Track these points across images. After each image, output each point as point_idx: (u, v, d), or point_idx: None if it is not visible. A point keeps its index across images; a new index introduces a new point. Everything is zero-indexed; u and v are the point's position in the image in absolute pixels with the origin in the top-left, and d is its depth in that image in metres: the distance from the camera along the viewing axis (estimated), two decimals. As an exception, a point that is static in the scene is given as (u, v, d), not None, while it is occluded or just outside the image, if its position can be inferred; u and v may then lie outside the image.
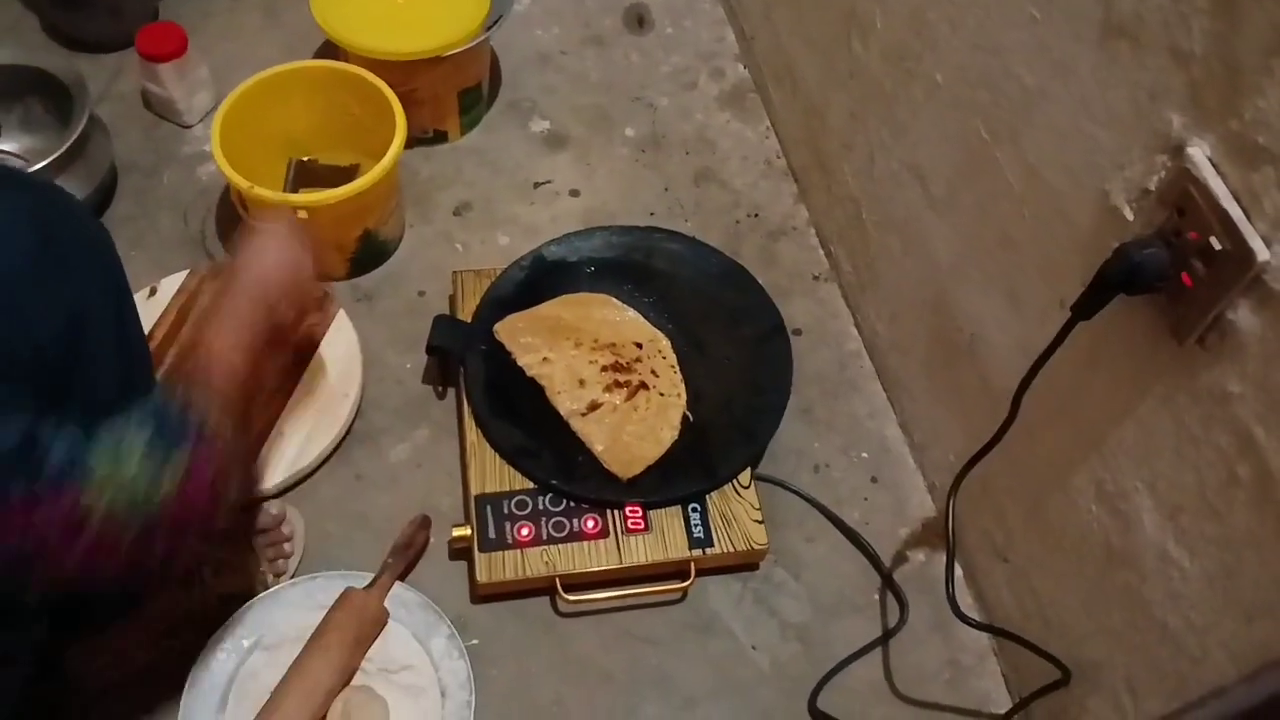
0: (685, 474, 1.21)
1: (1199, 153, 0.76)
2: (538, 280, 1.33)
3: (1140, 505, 0.90)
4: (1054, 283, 0.97)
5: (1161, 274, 0.78)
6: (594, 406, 1.23)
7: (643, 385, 1.25)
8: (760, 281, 1.35)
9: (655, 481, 1.20)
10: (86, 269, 0.87)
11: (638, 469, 1.20)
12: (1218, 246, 0.74)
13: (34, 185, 0.89)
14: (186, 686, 1.05)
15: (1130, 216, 0.84)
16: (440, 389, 1.31)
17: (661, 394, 1.26)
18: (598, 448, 1.21)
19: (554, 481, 1.18)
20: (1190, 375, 0.81)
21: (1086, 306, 0.84)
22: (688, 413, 1.25)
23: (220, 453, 0.80)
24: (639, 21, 1.76)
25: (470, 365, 1.25)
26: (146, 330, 1.23)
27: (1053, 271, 0.97)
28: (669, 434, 1.23)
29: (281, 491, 1.19)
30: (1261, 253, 0.71)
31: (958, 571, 1.23)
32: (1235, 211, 0.72)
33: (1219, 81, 0.73)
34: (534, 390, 1.25)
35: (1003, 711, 1.13)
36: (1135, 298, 0.82)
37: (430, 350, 1.27)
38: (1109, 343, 0.90)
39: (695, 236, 1.40)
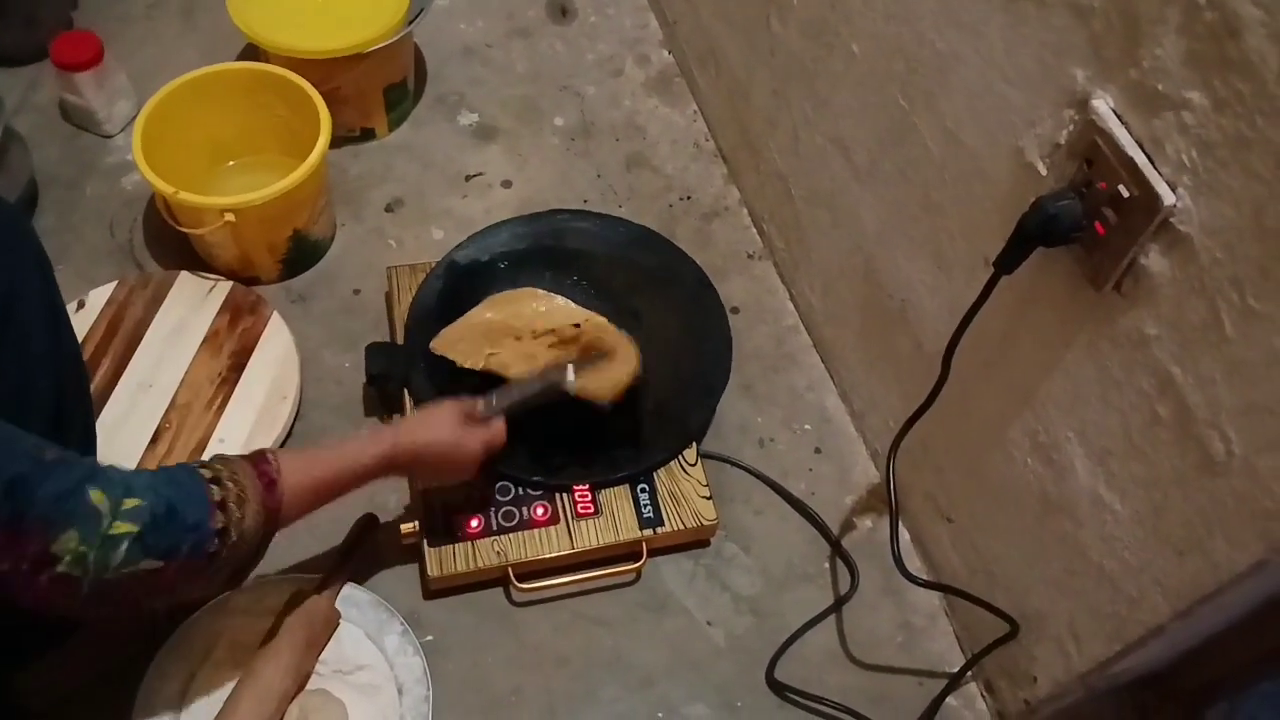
0: (633, 451, 1.21)
1: (1103, 104, 0.78)
2: (457, 286, 1.31)
3: (1072, 453, 0.92)
4: (977, 242, 0.99)
5: (1076, 224, 0.80)
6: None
7: (592, 343, 1.26)
8: (698, 261, 1.36)
9: (602, 461, 1.21)
10: (11, 255, 0.86)
11: (617, 391, 1.19)
12: (1126, 194, 0.75)
13: None
14: (138, 700, 1.03)
15: (1044, 171, 0.86)
16: (385, 416, 1.28)
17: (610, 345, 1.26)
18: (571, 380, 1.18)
19: (501, 469, 1.18)
20: (1110, 321, 0.83)
21: (1008, 261, 0.86)
22: (636, 388, 1.25)
23: (214, 562, 0.80)
24: (562, 12, 1.76)
25: (415, 384, 1.23)
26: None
27: (975, 231, 0.99)
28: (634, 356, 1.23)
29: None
30: (1167, 197, 0.73)
31: (904, 535, 1.25)
32: (1140, 159, 0.74)
33: (1118, 34, 0.75)
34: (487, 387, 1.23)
35: (956, 669, 1.15)
36: (1054, 250, 0.84)
37: (372, 380, 1.25)
38: (1033, 296, 0.92)
39: (602, 212, 1.41)
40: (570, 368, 1.16)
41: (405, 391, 1.24)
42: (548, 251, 1.36)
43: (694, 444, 1.23)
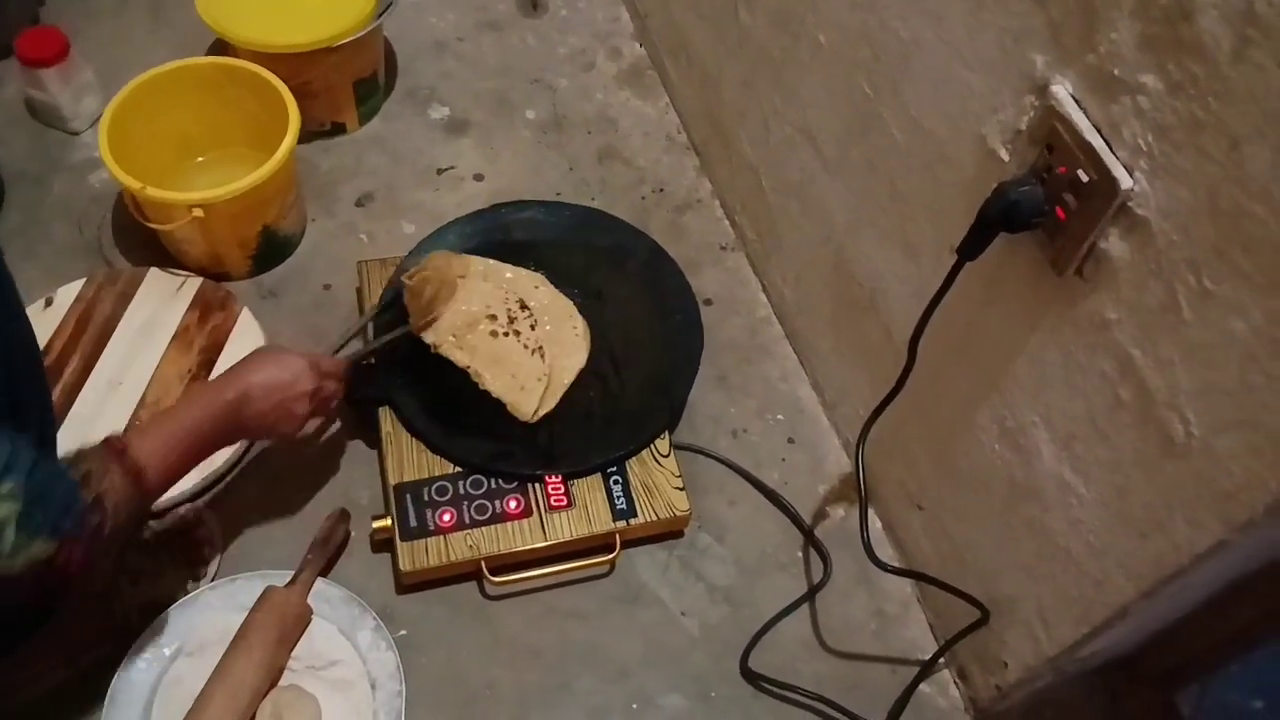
0: (605, 440, 1.22)
1: (1062, 90, 0.78)
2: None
3: (1038, 438, 0.92)
4: (943, 229, 0.99)
5: (1037, 209, 0.81)
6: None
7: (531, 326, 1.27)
8: (671, 254, 1.36)
9: (576, 451, 1.21)
10: None
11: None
12: (1085, 178, 0.76)
13: None
14: (107, 699, 1.02)
15: (1006, 157, 0.87)
16: (373, 436, 1.25)
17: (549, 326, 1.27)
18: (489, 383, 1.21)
19: (475, 461, 1.18)
20: (1072, 305, 0.83)
21: (971, 248, 0.86)
22: (604, 372, 1.26)
23: (100, 536, 0.81)
24: (533, 5, 1.76)
25: (400, 401, 1.21)
26: (44, 342, 1.22)
27: (941, 218, 1.00)
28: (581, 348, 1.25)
29: (196, 495, 1.18)
30: (1125, 180, 0.73)
31: (876, 523, 1.25)
32: (1098, 143, 0.75)
33: (1075, 18, 0.75)
34: (467, 390, 1.23)
35: (928, 656, 1.15)
36: (1017, 235, 0.84)
37: (355, 402, 1.22)
38: (997, 282, 0.92)
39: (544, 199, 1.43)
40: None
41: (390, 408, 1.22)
42: (498, 245, 1.35)
43: (666, 434, 1.24)
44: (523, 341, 1.24)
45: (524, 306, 1.27)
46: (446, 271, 1.25)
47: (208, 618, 1.08)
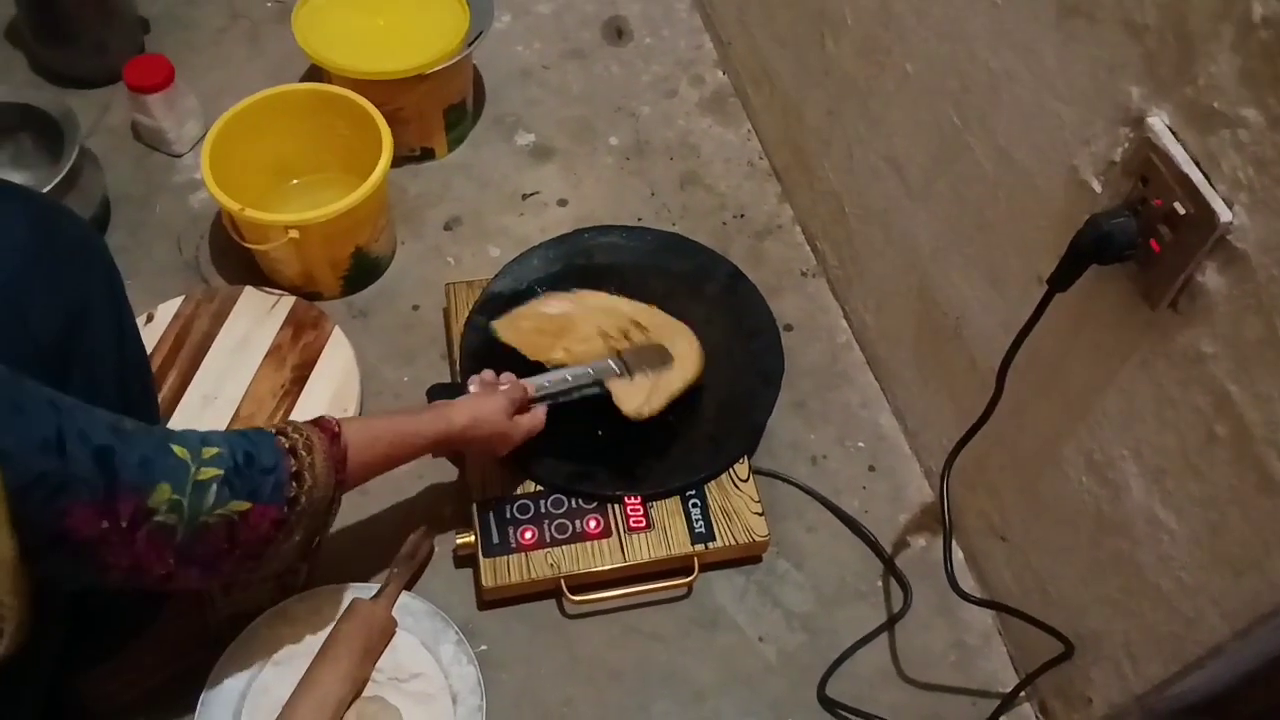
0: (685, 463, 1.23)
1: (1158, 122, 0.78)
2: (497, 316, 1.30)
3: (1127, 471, 0.91)
4: (1031, 260, 0.99)
5: (1131, 242, 0.80)
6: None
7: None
8: (752, 279, 1.38)
9: (656, 473, 1.22)
10: (84, 271, 0.90)
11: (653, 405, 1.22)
12: (1182, 211, 0.75)
13: (32, 195, 0.92)
14: (199, 706, 1.06)
15: (1098, 189, 0.86)
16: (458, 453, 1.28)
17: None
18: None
19: (557, 481, 1.20)
20: (1165, 339, 0.82)
21: (1062, 279, 0.85)
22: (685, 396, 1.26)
23: (295, 507, 0.85)
24: (618, 33, 1.79)
25: None
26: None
27: (1029, 249, 0.99)
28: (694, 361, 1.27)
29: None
30: (1224, 214, 0.73)
31: (958, 554, 1.24)
32: (1196, 176, 0.74)
33: (1172, 51, 0.75)
34: (551, 410, 1.22)
35: (1009, 689, 1.14)
36: (1108, 267, 0.84)
37: None
38: (1087, 314, 0.91)
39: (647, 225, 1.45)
40: (612, 362, 1.20)
41: None
42: (580, 269, 1.38)
43: (745, 459, 1.24)
44: (634, 343, 1.26)
45: (638, 325, 1.29)
46: (546, 310, 1.29)
47: (295, 629, 1.11)
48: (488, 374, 1.15)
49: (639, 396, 1.21)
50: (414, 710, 1.08)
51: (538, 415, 1.14)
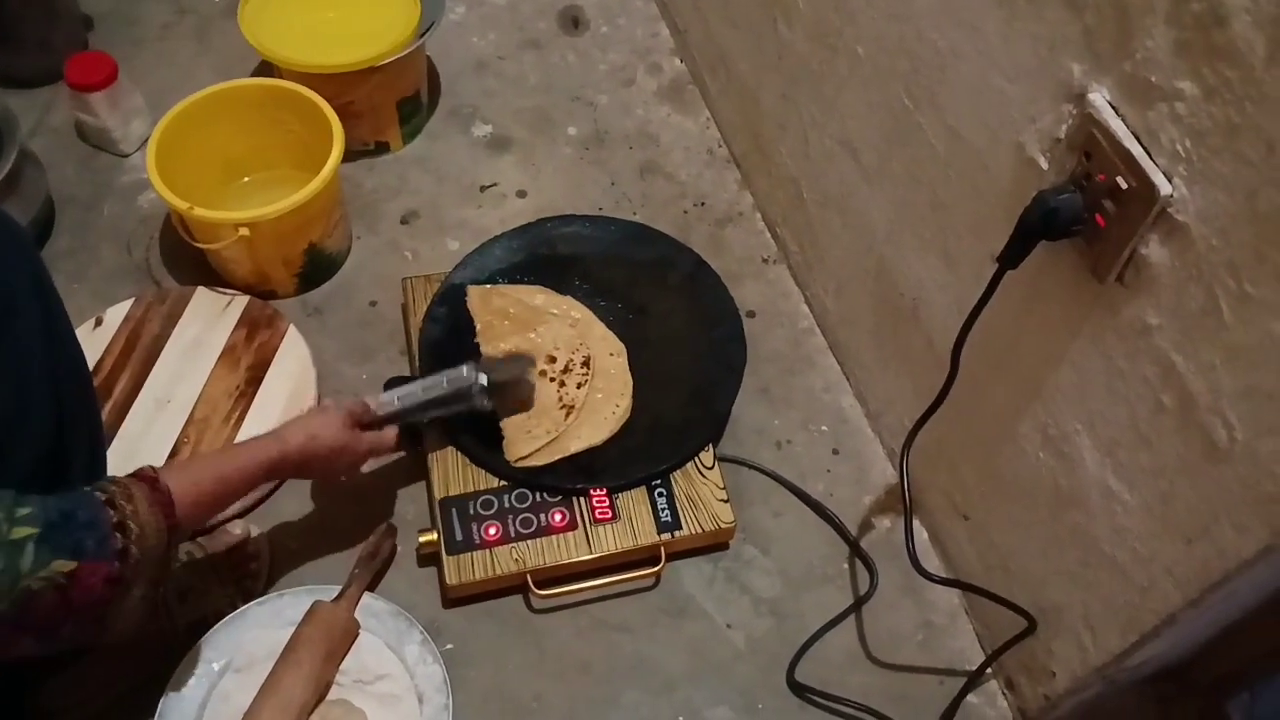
0: (649, 453, 1.22)
1: (1099, 97, 0.78)
2: (459, 309, 1.30)
3: (1081, 445, 0.92)
4: (984, 238, 0.99)
5: (1077, 217, 0.81)
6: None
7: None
8: (713, 267, 1.37)
9: (620, 464, 1.21)
10: (5, 266, 0.86)
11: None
12: (1124, 185, 0.76)
13: None
14: (157, 715, 1.04)
15: (1045, 166, 0.86)
16: (418, 450, 1.25)
17: (600, 394, 1.26)
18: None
19: (520, 475, 1.19)
20: (1113, 312, 0.83)
21: (1011, 256, 0.86)
22: (647, 386, 1.26)
23: (126, 559, 0.80)
24: (574, 23, 1.78)
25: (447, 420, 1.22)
26: (94, 361, 1.24)
27: (981, 228, 0.99)
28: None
29: (244, 512, 1.20)
30: (1164, 186, 0.73)
31: (922, 533, 1.25)
32: (1136, 150, 0.75)
33: (1110, 25, 0.75)
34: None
35: (976, 666, 1.14)
36: (1057, 243, 0.84)
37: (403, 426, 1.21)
38: (1038, 291, 0.92)
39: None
40: (466, 369, 1.14)
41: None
42: (543, 260, 1.37)
43: (710, 446, 1.24)
44: (560, 395, 1.24)
45: (587, 366, 1.27)
46: (530, 300, 1.28)
47: (256, 633, 1.10)
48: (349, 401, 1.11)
49: (527, 446, 1.20)
50: (379, 712, 1.07)
51: (387, 434, 1.11)
